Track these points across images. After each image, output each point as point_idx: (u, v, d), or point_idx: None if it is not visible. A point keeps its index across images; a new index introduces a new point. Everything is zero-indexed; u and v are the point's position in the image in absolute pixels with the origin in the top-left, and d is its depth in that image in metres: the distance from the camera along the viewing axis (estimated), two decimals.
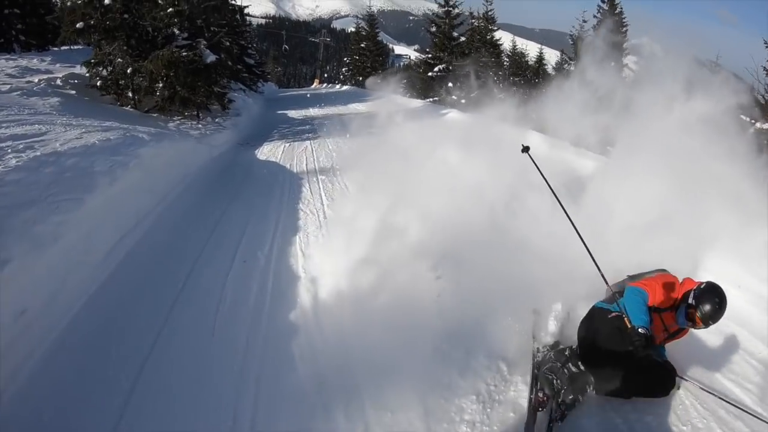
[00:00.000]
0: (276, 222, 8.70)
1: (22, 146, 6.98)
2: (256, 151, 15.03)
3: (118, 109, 14.66)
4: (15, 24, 21.90)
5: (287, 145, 15.94)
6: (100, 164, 7.39)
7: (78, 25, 14.14)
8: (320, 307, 6.02)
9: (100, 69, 14.86)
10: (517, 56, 38.37)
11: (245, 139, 17.07)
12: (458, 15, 31.09)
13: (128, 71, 14.44)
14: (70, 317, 5.42)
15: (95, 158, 7.50)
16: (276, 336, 5.54)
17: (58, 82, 14.56)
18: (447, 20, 30.81)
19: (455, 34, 31.21)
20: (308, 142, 16.39)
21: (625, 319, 4.55)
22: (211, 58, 15.44)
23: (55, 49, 19.65)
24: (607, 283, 4.98)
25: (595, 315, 4.97)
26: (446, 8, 30.74)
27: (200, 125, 15.46)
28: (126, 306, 5.89)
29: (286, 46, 72.19)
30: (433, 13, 31.60)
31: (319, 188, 10.76)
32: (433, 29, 31.56)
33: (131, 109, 15.05)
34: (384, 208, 7.59)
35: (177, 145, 10.75)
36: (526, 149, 5.96)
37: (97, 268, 6.32)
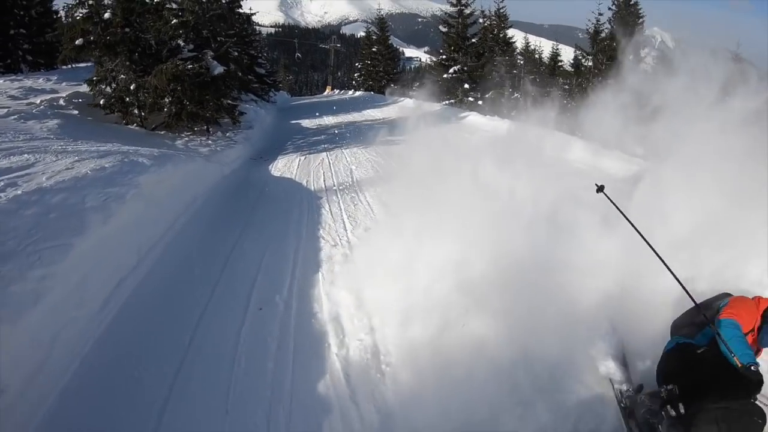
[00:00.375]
0: (295, 254, 7.60)
1: (2, 184, 6.10)
2: (270, 167, 14.02)
3: (122, 129, 13.78)
4: (21, 44, 21.75)
5: (302, 158, 14.95)
6: (92, 199, 6.44)
7: (77, 42, 13.28)
8: (354, 373, 4.94)
9: (104, 86, 14.00)
10: (530, 54, 37.24)
11: (258, 153, 16.12)
12: (471, 14, 30.09)
13: (132, 88, 13.53)
14: (60, 388, 4.53)
15: (87, 192, 6.55)
16: (302, 415, 4.48)
17: (61, 102, 13.86)
18: (460, 20, 29.82)
19: (469, 33, 30.22)
20: (324, 154, 15.37)
21: (735, 358, 3.92)
22: (218, 69, 14.53)
23: (64, 67, 18.89)
24: (707, 317, 4.26)
25: (683, 351, 4.40)
26: (458, 7, 29.71)
27: (210, 141, 14.53)
28: (124, 371, 4.93)
29: (299, 54, 71.72)
30: (445, 13, 30.53)
31: (341, 209, 9.69)
32: (446, 29, 30.57)
33: (137, 128, 14.16)
34: (415, 233, 6.58)
35: (183, 168, 9.76)
36: (600, 188, 5.21)
37: (92, 321, 5.37)
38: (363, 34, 53.62)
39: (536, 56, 37.31)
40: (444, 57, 30.41)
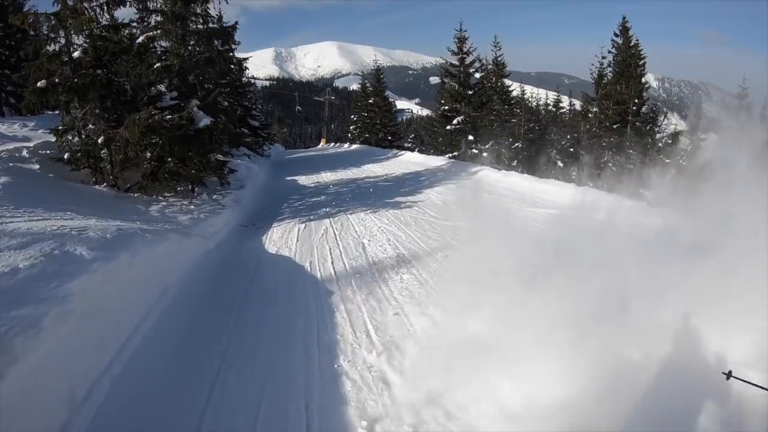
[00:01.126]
0: (307, 408, 4.67)
1: None
2: (264, 238, 11.20)
3: (87, 190, 11.24)
4: (5, 86, 20.06)
5: (302, 226, 12.14)
6: None
7: (39, 84, 10.90)
8: None
9: (71, 137, 11.57)
10: (526, 102, 35.71)
11: (250, 218, 13.30)
12: (473, 62, 28.93)
13: (100, 141, 11.06)
14: None
15: None
16: None
17: (25, 153, 11.76)
18: (462, 68, 28.38)
19: (472, 82, 28.94)
20: (327, 220, 12.62)
21: None
22: (204, 121, 12.04)
23: (49, 112, 16.65)
24: None
25: None
26: (460, 56, 28.28)
27: (192, 206, 11.85)
28: None
29: (299, 107, 71.11)
30: (447, 62, 29.10)
31: (362, 314, 6.80)
32: (447, 79, 29.29)
33: (105, 189, 11.58)
34: (482, 362, 4.70)
35: (148, 253, 6.99)
36: (729, 375, 3.91)
37: None
38: (356, 87, 53.40)
39: (532, 104, 36.17)
40: (446, 108, 28.68)
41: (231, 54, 20.29)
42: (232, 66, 21.09)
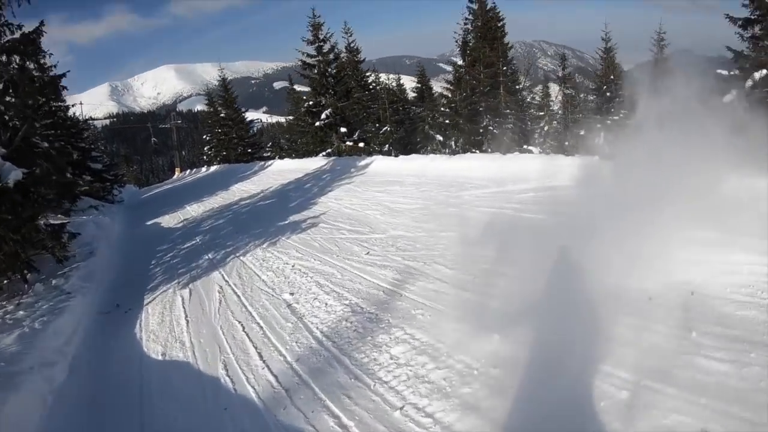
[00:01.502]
0: None
1: None
2: (138, 330, 7.16)
3: None
4: None
5: (185, 293, 8.28)
6: None
7: None
8: None
9: None
10: (384, 84, 33.62)
11: (112, 296, 8.97)
12: (332, 49, 27.12)
13: None
14: None
15: None
16: None
17: None
18: (321, 57, 26.59)
19: (332, 71, 27.32)
20: (216, 274, 8.96)
21: None
22: (14, 174, 8.08)
23: None
24: None
25: None
26: (317, 44, 26.44)
27: (22, 310, 7.55)
28: None
29: (155, 139, 67.60)
30: (304, 54, 27.04)
31: None
32: (307, 71, 27.49)
33: None
34: None
35: None
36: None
37: None
38: (201, 107, 50.97)
39: (391, 86, 34.59)
40: (310, 103, 26.19)
41: (41, 74, 14.61)
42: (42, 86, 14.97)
